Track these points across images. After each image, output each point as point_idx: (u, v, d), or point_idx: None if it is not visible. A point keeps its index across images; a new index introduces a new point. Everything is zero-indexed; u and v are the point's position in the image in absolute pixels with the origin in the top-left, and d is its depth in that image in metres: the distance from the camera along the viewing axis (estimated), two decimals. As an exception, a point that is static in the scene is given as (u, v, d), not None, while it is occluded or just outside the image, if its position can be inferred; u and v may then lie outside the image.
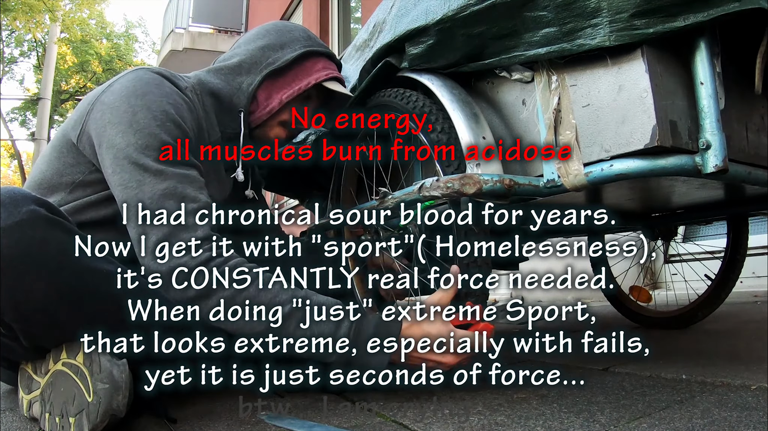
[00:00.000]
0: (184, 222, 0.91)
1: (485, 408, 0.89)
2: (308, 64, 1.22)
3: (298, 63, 1.21)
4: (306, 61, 1.22)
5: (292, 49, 1.20)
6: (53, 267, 0.78)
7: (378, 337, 0.92)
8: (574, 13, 0.84)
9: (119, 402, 0.77)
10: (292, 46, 1.21)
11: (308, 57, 1.22)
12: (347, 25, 6.42)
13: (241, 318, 0.91)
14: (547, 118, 0.92)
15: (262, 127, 1.21)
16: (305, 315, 0.92)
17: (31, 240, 0.77)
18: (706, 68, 0.82)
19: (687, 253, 1.88)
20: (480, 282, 1.00)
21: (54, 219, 0.80)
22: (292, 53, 1.19)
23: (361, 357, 0.92)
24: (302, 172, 1.67)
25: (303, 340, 0.91)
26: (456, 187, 0.90)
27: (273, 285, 0.93)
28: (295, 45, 1.21)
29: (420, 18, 1.03)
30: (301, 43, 1.22)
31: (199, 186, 0.98)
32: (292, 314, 0.91)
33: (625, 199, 1.30)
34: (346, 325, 0.92)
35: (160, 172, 0.93)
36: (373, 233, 1.30)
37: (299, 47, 1.20)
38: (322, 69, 1.22)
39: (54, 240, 0.79)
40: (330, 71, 1.23)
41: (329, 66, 1.24)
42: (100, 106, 0.98)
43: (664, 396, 0.91)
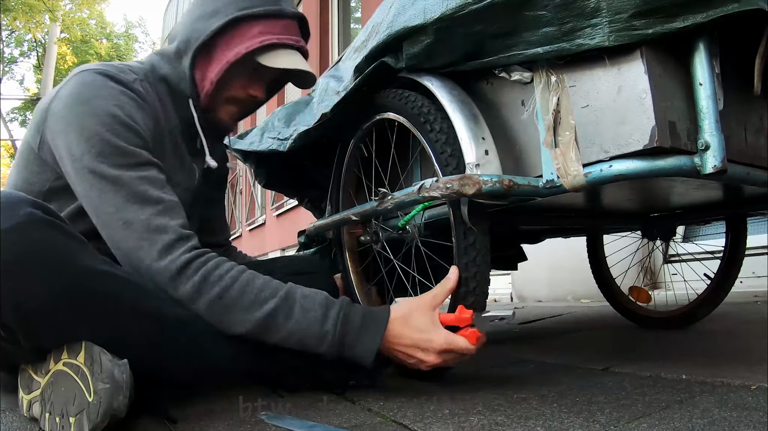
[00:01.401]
0: (153, 226, 0.92)
1: (485, 408, 0.89)
2: (239, 32, 1.07)
3: (228, 32, 1.06)
4: (236, 28, 1.06)
5: (221, 15, 1.06)
6: (53, 268, 0.79)
7: (365, 326, 0.94)
8: (574, 13, 0.84)
9: (120, 402, 0.77)
10: (223, 11, 1.06)
11: (239, 23, 1.06)
12: (347, 25, 6.42)
13: (229, 315, 0.93)
14: (546, 119, 0.93)
15: (212, 110, 1.14)
16: (292, 307, 0.93)
17: (30, 242, 0.77)
18: (705, 69, 0.82)
19: (686, 253, 1.89)
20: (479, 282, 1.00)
21: (51, 221, 0.81)
22: (218, 21, 1.05)
23: (350, 347, 0.93)
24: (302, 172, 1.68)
25: (292, 332, 0.93)
26: (455, 188, 0.90)
27: (257, 280, 0.95)
28: (227, 10, 1.06)
29: (418, 16, 1.03)
30: (234, 6, 1.06)
31: (159, 185, 0.97)
32: (280, 307, 0.93)
33: (624, 199, 1.31)
34: (334, 314, 0.94)
35: (117, 178, 0.93)
36: (372, 233, 1.30)
37: (230, 11, 1.06)
38: (258, 35, 1.06)
39: (52, 242, 0.79)
40: (266, 37, 1.06)
41: (270, 30, 1.07)
42: (51, 115, 0.98)
43: (664, 396, 0.91)
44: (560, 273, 3.17)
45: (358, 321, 0.94)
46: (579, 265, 2.11)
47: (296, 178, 1.72)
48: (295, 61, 1.11)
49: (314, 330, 0.93)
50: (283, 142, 1.43)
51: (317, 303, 0.95)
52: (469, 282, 0.99)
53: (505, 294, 3.76)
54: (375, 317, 0.95)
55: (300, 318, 0.93)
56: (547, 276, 3.28)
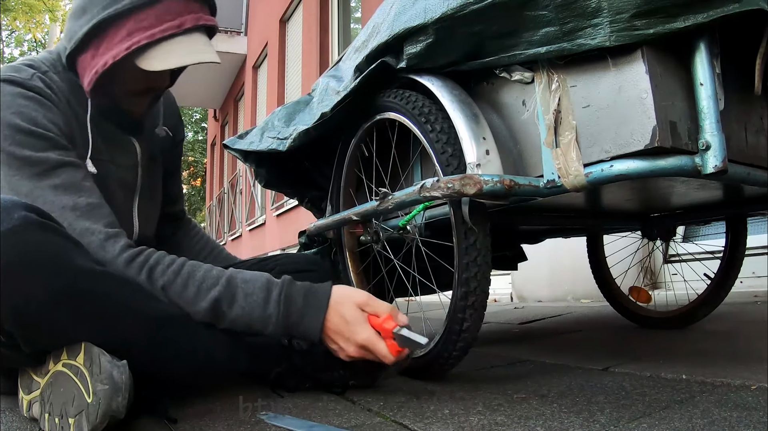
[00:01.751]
0: (78, 231, 0.91)
1: (485, 408, 0.89)
2: (108, 36, 0.95)
3: (97, 35, 0.96)
4: (105, 32, 0.95)
5: (87, 16, 0.96)
6: (49, 270, 0.79)
7: (308, 305, 0.95)
8: (575, 13, 0.84)
9: (119, 403, 0.77)
10: (90, 10, 0.95)
11: (106, 26, 0.95)
12: (347, 25, 6.42)
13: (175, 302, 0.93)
14: (547, 119, 0.93)
15: (115, 103, 1.07)
16: (235, 293, 0.95)
17: (26, 245, 0.77)
18: (706, 69, 0.82)
19: (686, 253, 1.89)
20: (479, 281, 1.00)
21: (46, 223, 0.81)
22: (85, 26, 0.96)
23: (295, 326, 0.95)
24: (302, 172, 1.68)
25: (237, 317, 0.94)
26: (456, 188, 0.90)
27: (198, 272, 0.95)
28: (93, 9, 0.95)
29: (418, 16, 1.03)
30: (100, 4, 0.94)
31: (74, 189, 0.95)
32: (223, 295, 0.94)
33: (624, 199, 1.31)
34: (275, 296, 0.95)
35: (30, 191, 0.91)
36: (373, 233, 1.30)
37: (96, 12, 0.95)
38: (125, 38, 0.94)
39: (48, 244, 0.79)
40: (135, 39, 0.93)
41: (141, 26, 0.94)
42: None
43: (664, 396, 0.91)
44: (560, 273, 3.17)
45: (300, 301, 0.95)
46: (579, 265, 2.11)
47: (296, 178, 1.72)
48: (177, 53, 0.96)
49: (258, 314, 0.94)
50: (283, 141, 1.43)
51: (258, 287, 0.95)
52: (469, 282, 0.99)
53: (505, 294, 3.75)
54: (317, 296, 0.96)
55: (243, 304, 0.94)
56: (547, 276, 3.28)
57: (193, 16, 0.98)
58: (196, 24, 0.98)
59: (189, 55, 0.97)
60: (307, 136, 1.35)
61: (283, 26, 8.04)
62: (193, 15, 0.98)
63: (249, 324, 0.95)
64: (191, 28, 0.97)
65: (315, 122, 1.32)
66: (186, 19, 0.97)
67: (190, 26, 0.97)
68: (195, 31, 0.98)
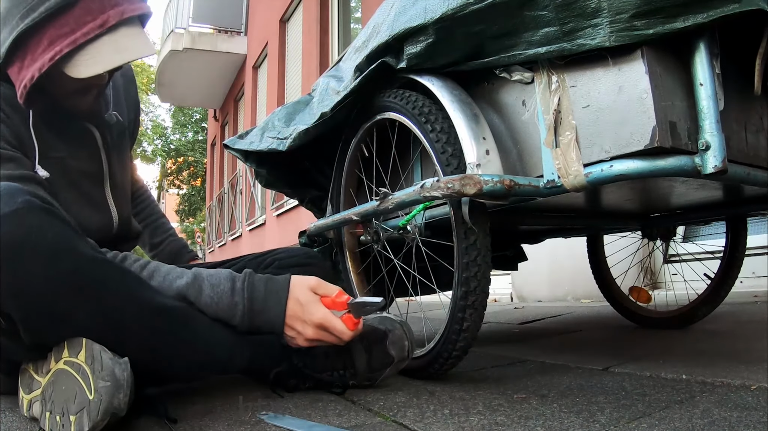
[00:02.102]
0: None
1: (485, 408, 0.89)
2: (30, 48, 0.91)
3: (20, 48, 0.91)
4: (25, 44, 0.91)
5: (6, 29, 0.91)
6: (51, 252, 0.79)
7: (270, 291, 0.98)
8: (575, 13, 0.84)
9: (120, 400, 0.77)
10: (9, 23, 0.90)
11: (26, 38, 0.90)
12: (347, 25, 6.42)
13: None
14: (547, 119, 0.93)
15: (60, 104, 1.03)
16: (201, 284, 0.97)
17: (29, 227, 0.77)
18: (706, 69, 0.82)
19: (686, 253, 1.89)
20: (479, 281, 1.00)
21: (49, 208, 0.81)
22: (8, 39, 0.91)
23: (259, 313, 0.97)
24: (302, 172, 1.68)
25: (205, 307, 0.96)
26: (456, 188, 0.90)
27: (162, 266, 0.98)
28: (11, 20, 0.90)
29: (418, 16, 1.03)
30: (18, 13, 0.89)
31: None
32: (190, 285, 0.96)
33: (624, 199, 1.31)
34: (240, 285, 0.98)
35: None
36: (373, 233, 1.30)
37: (14, 24, 0.90)
38: (47, 49, 0.89)
39: (50, 227, 0.80)
40: (57, 49, 0.88)
41: (62, 32, 0.89)
42: None
43: (664, 396, 0.91)
44: (560, 273, 3.17)
45: (263, 289, 0.98)
46: (579, 265, 2.11)
47: (297, 178, 1.72)
48: (105, 55, 0.91)
49: (225, 303, 0.96)
50: (283, 141, 1.43)
51: (223, 278, 0.98)
52: (469, 281, 0.99)
53: (505, 294, 3.75)
54: (277, 283, 1.00)
55: (211, 293, 0.96)
56: (547, 276, 3.28)
57: (117, 10, 0.92)
58: (120, 18, 0.92)
59: (115, 56, 0.92)
60: (306, 135, 1.35)
61: (283, 26, 8.04)
62: (117, 9, 0.92)
63: (216, 314, 0.97)
64: (116, 24, 0.92)
65: (315, 122, 1.32)
66: (108, 15, 0.91)
67: (114, 23, 0.92)
68: (121, 26, 0.93)
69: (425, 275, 1.19)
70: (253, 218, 9.12)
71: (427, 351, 1.11)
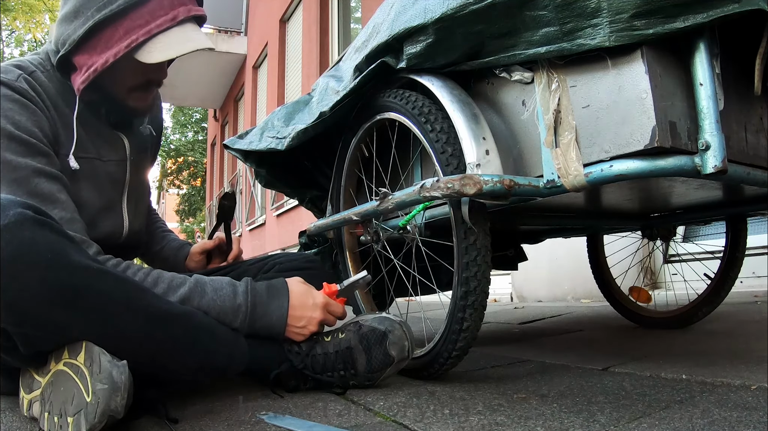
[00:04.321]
0: None
1: (485, 408, 0.89)
2: (105, 36, 0.99)
3: (93, 36, 0.99)
4: (100, 32, 0.99)
5: (81, 18, 0.98)
6: (44, 265, 0.78)
7: (271, 295, 1.05)
8: (575, 13, 0.84)
9: (117, 403, 0.77)
10: (83, 12, 0.98)
11: (101, 27, 0.98)
12: (347, 25, 6.42)
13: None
14: (547, 119, 0.93)
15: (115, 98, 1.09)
16: (204, 288, 1.01)
17: (21, 240, 0.77)
18: (706, 69, 0.82)
19: (686, 253, 1.89)
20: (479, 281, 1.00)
21: (41, 220, 0.81)
22: (80, 28, 0.98)
23: (261, 316, 1.04)
24: (302, 172, 1.68)
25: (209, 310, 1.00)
26: (456, 188, 0.90)
27: (165, 273, 1.01)
28: (87, 11, 0.98)
29: (418, 16, 1.03)
30: (94, 5, 0.97)
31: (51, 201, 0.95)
32: (193, 290, 1.00)
33: (624, 199, 1.31)
34: (242, 289, 1.04)
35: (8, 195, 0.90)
36: (373, 233, 1.30)
37: (90, 14, 0.97)
38: (123, 37, 0.98)
39: (43, 240, 0.79)
40: (133, 38, 0.97)
41: (137, 24, 0.98)
42: None
43: (664, 396, 0.91)
44: (560, 273, 3.17)
45: (264, 293, 1.05)
46: (579, 265, 2.11)
47: (296, 178, 1.72)
48: (174, 44, 1.01)
49: (228, 306, 1.01)
50: (282, 140, 1.43)
51: (225, 283, 1.04)
52: (469, 281, 0.99)
53: (505, 294, 3.75)
54: (277, 287, 1.07)
55: (214, 297, 1.01)
56: (547, 276, 3.28)
57: (185, 8, 1.03)
58: (188, 15, 1.03)
59: (186, 44, 1.02)
60: (305, 135, 1.35)
61: (283, 26, 8.04)
62: (184, 7, 1.03)
63: (219, 318, 1.00)
64: (184, 20, 1.03)
65: (314, 121, 1.32)
66: (178, 11, 1.02)
67: (182, 18, 1.02)
68: (187, 22, 1.04)
69: (425, 275, 1.19)
70: (253, 218, 9.13)
71: (427, 351, 1.11)
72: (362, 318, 1.10)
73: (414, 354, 1.09)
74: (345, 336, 1.07)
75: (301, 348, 1.06)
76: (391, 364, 1.05)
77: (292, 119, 1.51)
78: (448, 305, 1.05)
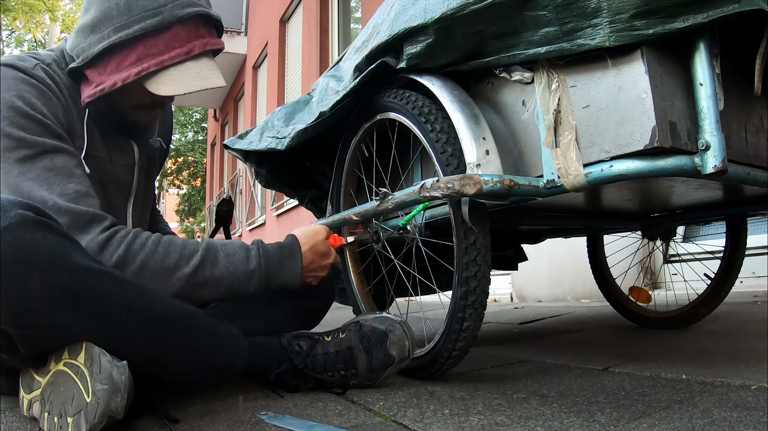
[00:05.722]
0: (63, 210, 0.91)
1: (485, 408, 0.89)
2: (117, 59, 0.98)
3: (105, 56, 0.98)
4: (113, 54, 0.98)
5: (98, 36, 0.98)
6: (45, 267, 0.78)
7: (284, 257, 1.07)
8: (575, 13, 0.84)
9: (117, 403, 0.77)
10: (100, 30, 0.98)
11: (116, 48, 0.97)
12: (347, 25, 6.42)
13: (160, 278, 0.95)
14: (547, 119, 0.93)
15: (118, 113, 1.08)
16: (216, 255, 1.00)
17: (21, 242, 0.77)
18: (706, 69, 0.82)
19: (686, 253, 1.89)
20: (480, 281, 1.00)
21: (42, 221, 0.81)
22: (96, 46, 0.98)
23: (275, 278, 1.05)
24: (302, 172, 1.68)
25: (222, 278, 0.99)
26: (456, 188, 0.90)
27: (177, 240, 1.00)
28: (104, 29, 0.97)
29: (418, 16, 1.03)
30: (111, 25, 0.96)
31: (67, 174, 0.95)
32: (205, 257, 0.99)
33: (624, 199, 1.31)
34: (255, 253, 1.04)
35: (24, 173, 0.92)
36: (373, 233, 1.30)
37: (107, 34, 0.97)
38: (135, 64, 0.97)
39: (44, 241, 0.79)
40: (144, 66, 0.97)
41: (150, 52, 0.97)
42: None
43: (664, 396, 0.91)
44: (560, 273, 3.17)
45: (278, 254, 1.07)
46: (579, 265, 2.11)
47: (297, 178, 1.72)
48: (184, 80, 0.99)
49: (241, 271, 1.01)
50: (282, 140, 1.43)
51: (237, 247, 1.03)
52: (469, 281, 0.99)
53: (505, 294, 3.75)
54: (290, 246, 1.09)
55: (226, 263, 1.00)
56: (547, 276, 3.28)
57: (201, 41, 1.01)
58: (203, 50, 1.02)
59: (196, 81, 1.01)
60: (305, 135, 1.35)
61: (283, 26, 8.04)
62: (201, 41, 1.01)
63: (232, 284, 1.00)
64: (199, 54, 1.01)
65: (313, 121, 1.32)
66: (194, 45, 1.00)
67: (198, 52, 1.00)
68: (203, 56, 1.02)
69: (425, 275, 1.19)
70: (253, 218, 9.13)
71: (427, 351, 1.11)
72: (363, 318, 1.11)
73: (414, 354, 1.09)
74: (346, 335, 1.07)
75: (301, 347, 1.06)
76: (391, 364, 1.05)
77: (292, 119, 1.51)
78: (448, 305, 1.05)
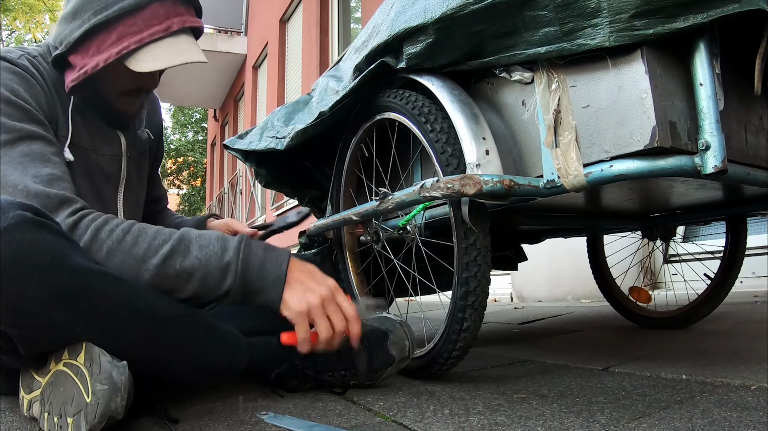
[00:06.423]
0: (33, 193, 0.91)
1: (485, 408, 0.89)
2: (98, 40, 1.01)
3: (87, 39, 1.01)
4: (95, 36, 1.01)
5: (78, 21, 1.01)
6: (44, 267, 0.78)
7: (269, 256, 0.93)
8: (575, 13, 0.84)
9: (117, 404, 0.77)
10: (81, 15, 1.01)
11: (96, 31, 1.00)
12: (347, 25, 6.42)
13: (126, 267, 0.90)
14: (547, 119, 0.93)
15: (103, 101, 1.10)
16: (189, 246, 0.91)
17: (20, 243, 0.77)
18: (706, 69, 0.82)
19: (686, 253, 1.89)
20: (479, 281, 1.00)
21: (41, 221, 0.81)
22: (76, 31, 1.01)
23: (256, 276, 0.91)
24: (302, 172, 1.68)
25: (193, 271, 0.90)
26: (456, 188, 0.90)
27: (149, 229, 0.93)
28: (84, 14, 1.00)
29: (418, 16, 1.03)
30: (91, 9, 0.99)
31: (43, 159, 0.95)
32: (175, 249, 0.90)
33: (624, 199, 1.31)
34: (234, 245, 0.92)
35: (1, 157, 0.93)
36: (373, 233, 1.30)
37: (87, 17, 1.00)
38: (115, 43, 0.99)
39: (42, 242, 0.79)
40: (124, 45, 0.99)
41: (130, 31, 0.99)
42: None
43: (664, 396, 0.91)
44: (560, 273, 3.17)
45: (261, 251, 0.93)
46: (579, 265, 2.11)
47: (296, 178, 1.72)
48: (164, 55, 1.01)
49: (214, 264, 0.90)
50: (281, 140, 1.43)
51: (213, 239, 0.92)
52: (469, 281, 0.99)
53: (505, 294, 3.75)
54: (277, 250, 0.96)
55: (198, 255, 0.90)
56: (547, 276, 3.28)
57: (180, 18, 1.03)
58: (182, 26, 1.03)
59: (176, 56, 1.02)
60: (305, 135, 1.35)
61: (283, 26, 8.04)
62: (180, 18, 1.03)
63: (204, 278, 0.90)
64: (178, 30, 1.03)
65: (313, 121, 1.32)
66: (173, 21, 1.02)
67: (176, 29, 1.02)
68: (181, 33, 1.04)
69: (425, 275, 1.19)
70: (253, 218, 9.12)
71: (427, 351, 1.11)
72: (362, 318, 1.10)
73: (414, 354, 1.09)
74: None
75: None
76: (392, 364, 1.05)
77: (291, 119, 1.51)
78: (448, 305, 1.05)
